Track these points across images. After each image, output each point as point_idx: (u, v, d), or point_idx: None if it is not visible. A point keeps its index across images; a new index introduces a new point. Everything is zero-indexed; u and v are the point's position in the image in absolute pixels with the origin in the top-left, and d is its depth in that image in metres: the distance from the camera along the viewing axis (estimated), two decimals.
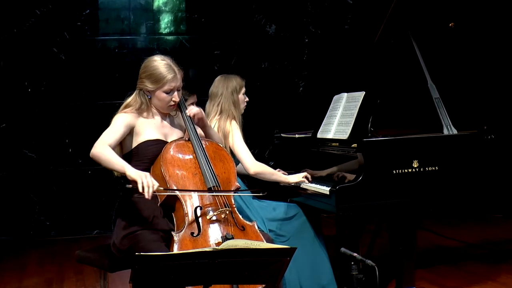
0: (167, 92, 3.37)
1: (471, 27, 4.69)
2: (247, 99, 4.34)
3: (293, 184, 4.12)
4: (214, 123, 4.18)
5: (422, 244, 5.52)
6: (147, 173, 3.13)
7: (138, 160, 3.37)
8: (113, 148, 3.26)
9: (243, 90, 4.30)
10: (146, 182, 3.06)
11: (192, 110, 3.49)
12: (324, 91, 5.98)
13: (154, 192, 3.08)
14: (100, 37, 6.95)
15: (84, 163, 6.74)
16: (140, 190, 3.06)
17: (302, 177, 4.08)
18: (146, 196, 3.06)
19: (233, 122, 4.16)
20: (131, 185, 3.14)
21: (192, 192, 3.25)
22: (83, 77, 6.87)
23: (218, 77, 4.32)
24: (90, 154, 3.23)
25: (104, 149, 3.21)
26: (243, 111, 4.32)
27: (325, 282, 4.06)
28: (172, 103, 3.40)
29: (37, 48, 6.74)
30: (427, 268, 4.91)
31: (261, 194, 3.50)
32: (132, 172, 3.13)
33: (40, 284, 5.10)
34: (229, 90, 4.22)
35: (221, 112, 4.20)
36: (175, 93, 3.39)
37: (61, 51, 6.81)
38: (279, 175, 4.15)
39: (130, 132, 3.38)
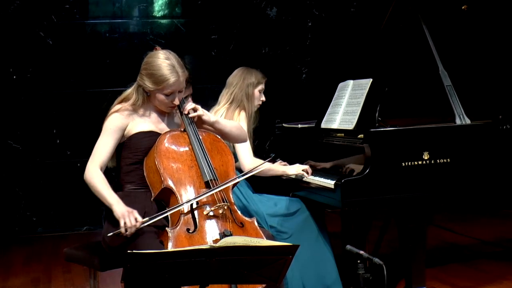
0: (167, 95, 3.34)
1: (485, 10, 4.67)
2: (263, 98, 4.36)
3: (292, 177, 4.13)
4: (222, 111, 4.22)
5: (433, 241, 5.53)
6: (133, 211, 3.11)
7: (131, 152, 3.36)
8: (108, 161, 3.32)
9: (260, 87, 4.34)
10: (128, 222, 3.07)
11: (188, 106, 3.41)
12: (328, 78, 5.97)
13: (137, 228, 3.10)
14: (89, 21, 6.94)
15: (72, 155, 6.72)
16: (123, 232, 3.08)
17: (302, 170, 4.09)
18: (128, 235, 3.10)
19: (242, 113, 4.19)
20: (112, 233, 3.12)
21: (186, 204, 3.18)
22: (71, 63, 6.86)
23: (239, 68, 4.40)
24: (84, 178, 3.26)
25: (95, 177, 3.23)
26: (255, 109, 4.32)
27: (329, 281, 4.06)
28: (171, 105, 3.38)
29: (23, 33, 6.73)
30: (438, 267, 4.92)
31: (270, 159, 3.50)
32: (118, 210, 3.12)
33: (26, 283, 5.10)
34: (245, 82, 4.28)
35: (232, 101, 4.24)
36: (176, 95, 3.35)
37: (48, 36, 6.79)
38: (276, 169, 4.16)
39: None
